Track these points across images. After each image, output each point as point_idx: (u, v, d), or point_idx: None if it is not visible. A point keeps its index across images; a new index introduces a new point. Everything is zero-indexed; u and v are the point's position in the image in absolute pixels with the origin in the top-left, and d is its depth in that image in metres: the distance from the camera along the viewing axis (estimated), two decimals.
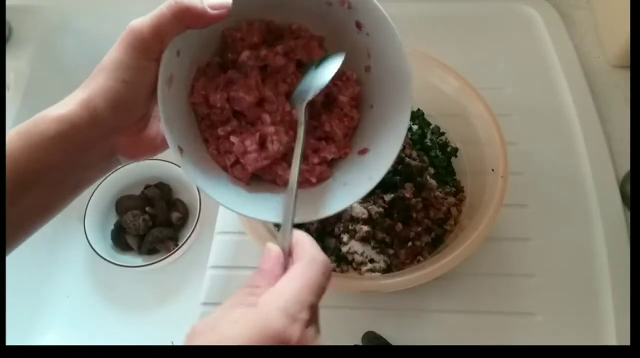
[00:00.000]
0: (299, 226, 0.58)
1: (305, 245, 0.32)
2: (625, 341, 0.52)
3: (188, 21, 0.33)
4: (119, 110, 0.34)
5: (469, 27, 0.76)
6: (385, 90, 0.41)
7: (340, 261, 0.56)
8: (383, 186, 0.57)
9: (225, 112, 0.40)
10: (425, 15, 0.76)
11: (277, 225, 0.55)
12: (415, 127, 0.64)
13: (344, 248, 0.56)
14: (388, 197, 0.56)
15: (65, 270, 0.79)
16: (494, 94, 0.58)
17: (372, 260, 0.55)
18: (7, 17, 0.80)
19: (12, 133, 0.33)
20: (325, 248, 0.57)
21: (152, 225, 0.81)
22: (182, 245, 0.75)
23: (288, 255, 0.33)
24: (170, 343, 0.70)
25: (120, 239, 0.81)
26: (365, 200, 0.57)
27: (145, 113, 0.37)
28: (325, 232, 0.58)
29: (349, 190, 0.40)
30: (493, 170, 0.54)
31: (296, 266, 0.30)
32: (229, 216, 0.62)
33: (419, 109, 0.64)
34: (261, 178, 0.41)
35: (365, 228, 0.55)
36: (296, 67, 0.42)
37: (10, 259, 0.36)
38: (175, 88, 0.36)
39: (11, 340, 0.68)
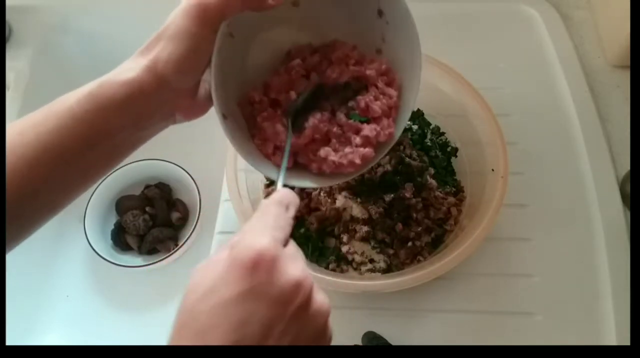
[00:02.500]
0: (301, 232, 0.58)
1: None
2: (625, 341, 0.52)
3: (251, 3, 0.36)
4: (184, 75, 0.36)
5: (469, 27, 0.76)
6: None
7: (340, 261, 0.56)
8: (383, 186, 0.57)
9: (263, 103, 0.43)
10: (425, 15, 0.74)
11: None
12: (415, 127, 0.64)
13: (344, 248, 0.56)
14: (388, 197, 0.56)
15: (65, 270, 0.79)
16: (494, 94, 0.58)
17: (372, 260, 0.55)
18: (7, 17, 0.80)
19: (79, 95, 0.35)
20: (325, 248, 0.57)
21: (152, 225, 0.81)
22: (182, 245, 0.75)
23: None
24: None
25: (120, 239, 0.81)
26: (365, 200, 0.57)
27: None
28: (325, 232, 0.58)
29: None
30: (493, 170, 0.54)
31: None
32: (229, 216, 0.62)
33: (419, 109, 0.64)
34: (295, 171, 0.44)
35: (365, 228, 0.55)
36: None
37: (11, 259, 0.37)
38: (225, 57, 0.39)
39: (11, 340, 0.68)
